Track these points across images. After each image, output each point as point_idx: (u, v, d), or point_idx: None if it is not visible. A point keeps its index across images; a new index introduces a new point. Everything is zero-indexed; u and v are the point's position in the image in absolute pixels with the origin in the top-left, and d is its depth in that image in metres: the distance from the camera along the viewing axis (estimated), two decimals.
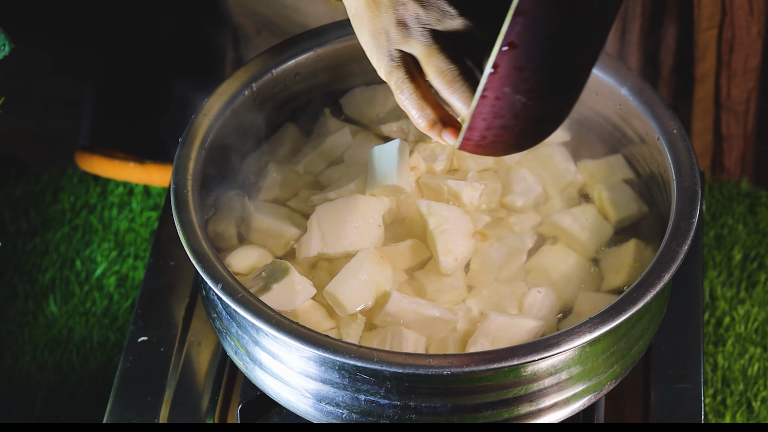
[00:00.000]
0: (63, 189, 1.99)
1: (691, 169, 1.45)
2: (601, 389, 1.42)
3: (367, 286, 1.43)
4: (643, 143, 1.53)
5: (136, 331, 1.60)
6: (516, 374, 1.35)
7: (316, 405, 1.39)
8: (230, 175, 1.57)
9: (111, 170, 1.96)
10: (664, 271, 1.37)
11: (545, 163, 1.58)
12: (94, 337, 1.81)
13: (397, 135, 1.58)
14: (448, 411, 1.36)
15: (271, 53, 1.58)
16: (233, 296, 1.35)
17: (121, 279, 1.88)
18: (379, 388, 1.35)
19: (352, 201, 1.48)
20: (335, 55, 1.61)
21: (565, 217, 1.52)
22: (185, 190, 1.44)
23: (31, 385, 1.77)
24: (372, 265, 1.44)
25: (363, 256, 1.44)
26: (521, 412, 1.37)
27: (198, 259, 1.38)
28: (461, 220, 1.47)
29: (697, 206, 1.42)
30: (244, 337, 1.42)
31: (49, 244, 1.92)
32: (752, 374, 1.76)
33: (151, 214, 1.96)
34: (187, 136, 1.49)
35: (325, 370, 1.36)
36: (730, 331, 1.80)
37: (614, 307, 1.34)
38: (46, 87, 2.46)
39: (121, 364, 1.57)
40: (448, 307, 1.43)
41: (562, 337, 1.32)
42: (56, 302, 1.85)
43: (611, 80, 1.54)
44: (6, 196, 1.99)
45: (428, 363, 1.30)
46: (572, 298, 1.47)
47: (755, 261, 1.88)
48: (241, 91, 1.55)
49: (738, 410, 1.73)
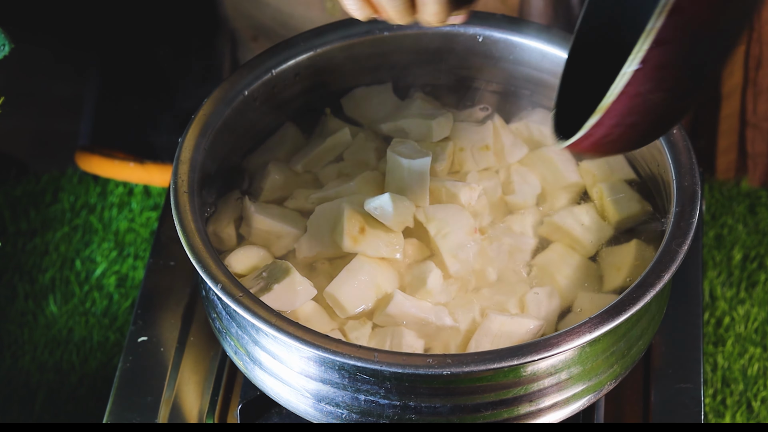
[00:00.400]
0: (63, 189, 1.99)
1: (691, 169, 1.45)
2: (601, 389, 1.42)
3: (368, 286, 1.43)
4: None
5: (136, 331, 1.60)
6: (516, 374, 1.35)
7: (316, 405, 1.39)
8: (230, 175, 1.58)
9: (111, 170, 1.96)
10: (664, 271, 1.37)
11: (546, 163, 1.58)
12: (94, 337, 1.82)
13: (398, 134, 1.58)
14: (448, 411, 1.36)
15: (271, 53, 1.58)
16: (233, 296, 1.35)
17: (121, 279, 1.88)
18: (379, 388, 1.35)
19: (353, 201, 1.48)
20: (335, 55, 1.61)
21: (566, 217, 1.52)
22: (185, 190, 1.44)
23: (31, 385, 1.77)
24: (372, 265, 1.44)
25: (363, 257, 1.44)
26: (521, 412, 1.37)
27: (198, 259, 1.38)
28: (460, 218, 1.46)
29: (697, 206, 1.42)
30: (244, 337, 1.42)
31: (49, 244, 1.92)
32: (752, 374, 1.76)
33: (151, 214, 1.96)
34: (187, 136, 1.49)
35: (325, 370, 1.36)
36: (730, 331, 1.80)
37: (614, 307, 1.34)
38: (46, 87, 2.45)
39: (121, 364, 1.57)
40: (450, 311, 1.43)
41: (562, 337, 1.32)
42: (56, 302, 1.85)
43: None
44: (6, 196, 1.99)
45: (428, 363, 1.30)
46: (572, 297, 1.47)
47: (755, 261, 1.88)
48: (241, 91, 1.55)
49: (738, 410, 1.73)
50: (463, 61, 1.64)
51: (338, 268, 1.44)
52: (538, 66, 1.61)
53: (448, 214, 1.46)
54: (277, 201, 1.56)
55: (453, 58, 1.64)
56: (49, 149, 2.38)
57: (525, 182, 1.56)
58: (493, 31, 1.60)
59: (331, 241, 1.46)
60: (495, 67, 1.63)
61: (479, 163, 1.57)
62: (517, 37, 1.60)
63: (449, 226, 1.46)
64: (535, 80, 1.62)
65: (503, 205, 1.56)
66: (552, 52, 1.59)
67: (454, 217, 1.46)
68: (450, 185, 1.50)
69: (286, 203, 1.55)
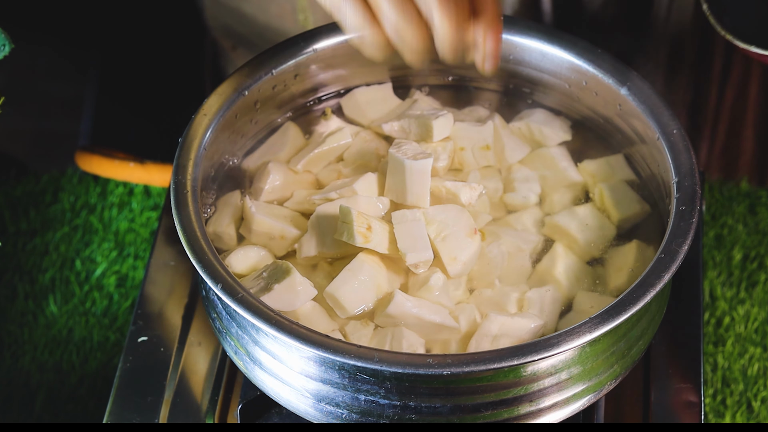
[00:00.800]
0: (63, 189, 1.99)
1: (691, 169, 1.45)
2: (601, 389, 1.42)
3: (368, 287, 1.43)
4: (643, 143, 1.54)
5: (136, 331, 1.59)
6: (516, 374, 1.35)
7: (316, 405, 1.39)
8: (230, 175, 1.58)
9: (111, 170, 1.96)
10: (664, 271, 1.37)
11: (546, 163, 1.58)
12: (94, 337, 1.81)
13: (398, 134, 1.58)
14: (448, 411, 1.36)
15: (270, 53, 1.58)
16: (233, 296, 1.35)
17: (121, 279, 1.88)
18: (379, 388, 1.35)
19: (353, 201, 1.48)
20: (335, 56, 1.61)
21: (566, 217, 1.52)
22: (185, 190, 1.44)
23: (31, 385, 1.77)
24: (373, 266, 1.44)
25: (363, 257, 1.44)
26: (521, 412, 1.37)
27: (198, 259, 1.38)
28: (460, 219, 1.46)
29: (697, 206, 1.42)
30: (244, 337, 1.42)
31: (49, 244, 1.92)
32: (752, 374, 1.76)
33: (151, 214, 1.95)
34: (187, 136, 1.49)
35: (325, 370, 1.36)
36: (730, 331, 1.80)
37: (614, 307, 1.34)
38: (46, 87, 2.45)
39: (121, 364, 1.57)
40: (451, 312, 1.43)
41: (562, 337, 1.32)
42: (56, 302, 1.85)
43: (611, 80, 1.54)
44: (6, 196, 1.99)
45: (428, 363, 1.30)
46: (572, 297, 1.47)
47: (755, 261, 1.88)
48: (241, 92, 1.55)
49: (738, 410, 1.73)
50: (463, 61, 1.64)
51: (338, 269, 1.44)
52: (538, 66, 1.61)
53: (448, 215, 1.46)
54: (277, 201, 1.56)
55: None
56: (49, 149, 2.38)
57: (526, 182, 1.56)
58: None
59: (333, 241, 1.46)
60: None
61: (480, 162, 1.57)
62: (517, 37, 1.60)
63: (448, 228, 1.46)
64: (535, 80, 1.62)
65: (503, 205, 1.56)
66: (552, 52, 1.59)
67: (454, 218, 1.46)
68: (450, 185, 1.50)
69: (287, 204, 1.55)
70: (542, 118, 1.62)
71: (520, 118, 1.62)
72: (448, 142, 1.57)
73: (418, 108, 1.60)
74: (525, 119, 1.62)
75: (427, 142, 1.57)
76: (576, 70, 1.57)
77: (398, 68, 1.65)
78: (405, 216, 1.45)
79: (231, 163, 1.58)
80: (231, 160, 1.58)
